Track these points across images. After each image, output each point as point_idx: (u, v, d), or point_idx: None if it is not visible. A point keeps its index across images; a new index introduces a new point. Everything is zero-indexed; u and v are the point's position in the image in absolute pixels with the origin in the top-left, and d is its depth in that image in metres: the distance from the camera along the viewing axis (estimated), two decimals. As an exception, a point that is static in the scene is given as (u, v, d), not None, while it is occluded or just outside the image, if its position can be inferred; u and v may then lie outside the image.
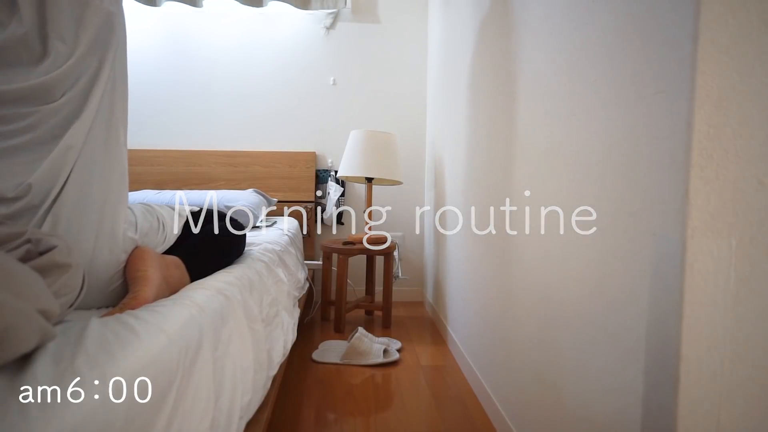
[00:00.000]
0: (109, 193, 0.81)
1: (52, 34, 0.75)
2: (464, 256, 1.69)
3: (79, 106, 0.78)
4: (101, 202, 0.79)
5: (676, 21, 0.56)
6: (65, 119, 0.76)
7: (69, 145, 0.75)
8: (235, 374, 0.81)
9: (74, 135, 0.76)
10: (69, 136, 0.75)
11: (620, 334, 0.67)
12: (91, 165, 0.78)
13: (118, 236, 0.82)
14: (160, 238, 0.95)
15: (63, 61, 0.76)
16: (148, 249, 0.88)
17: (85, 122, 0.78)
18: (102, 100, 0.81)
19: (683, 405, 0.54)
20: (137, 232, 0.88)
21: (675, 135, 0.56)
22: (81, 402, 0.41)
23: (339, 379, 1.56)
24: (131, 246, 0.86)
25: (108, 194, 0.80)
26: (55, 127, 0.75)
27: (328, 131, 2.60)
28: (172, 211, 1.03)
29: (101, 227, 0.79)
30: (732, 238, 0.54)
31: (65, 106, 0.76)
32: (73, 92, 0.77)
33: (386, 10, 2.57)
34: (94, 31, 0.80)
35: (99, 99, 0.80)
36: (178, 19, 2.48)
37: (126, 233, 0.85)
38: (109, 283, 0.83)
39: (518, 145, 1.13)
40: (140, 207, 0.94)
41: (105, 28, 0.82)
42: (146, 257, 0.85)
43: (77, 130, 0.77)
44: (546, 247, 0.95)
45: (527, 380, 1.04)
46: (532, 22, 1.05)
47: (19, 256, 0.58)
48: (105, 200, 0.80)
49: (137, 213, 0.91)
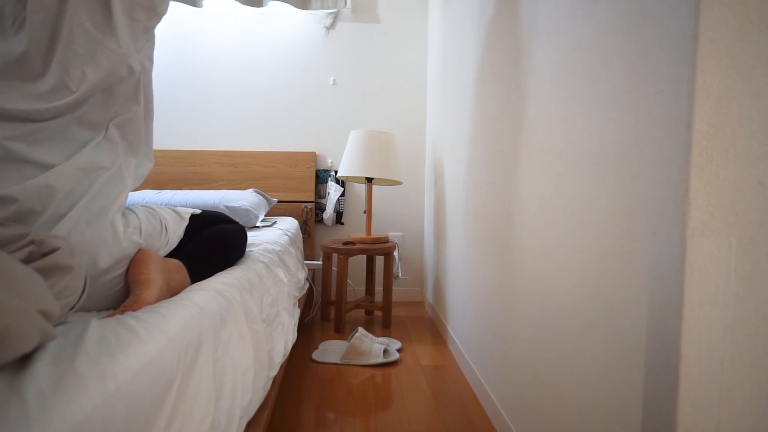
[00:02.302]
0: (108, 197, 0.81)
1: (57, 62, 0.75)
2: (464, 256, 1.69)
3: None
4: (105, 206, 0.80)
5: (676, 21, 0.56)
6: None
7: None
8: (236, 375, 0.81)
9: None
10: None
11: (620, 333, 0.67)
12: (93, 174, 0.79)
13: (118, 237, 0.82)
14: (162, 241, 0.95)
15: (65, 96, 0.75)
16: (151, 252, 0.88)
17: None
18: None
19: (683, 405, 0.54)
20: (141, 236, 0.87)
21: (675, 135, 0.56)
22: (81, 402, 0.41)
23: (339, 379, 1.56)
24: (135, 249, 0.86)
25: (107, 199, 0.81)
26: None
27: (328, 131, 2.60)
28: (175, 214, 1.03)
29: (100, 230, 0.79)
30: (732, 238, 0.54)
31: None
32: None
33: (386, 10, 2.58)
34: (103, 72, 0.80)
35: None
36: (178, 19, 2.48)
37: (131, 237, 0.84)
38: (111, 284, 0.83)
39: (518, 145, 1.13)
40: (144, 210, 0.94)
41: (116, 71, 0.82)
42: (149, 260, 0.85)
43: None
44: (546, 247, 0.95)
45: (527, 380, 1.05)
46: (532, 22, 1.05)
47: (22, 257, 0.58)
48: (111, 204, 0.81)
49: (141, 216, 0.91)
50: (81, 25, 0.76)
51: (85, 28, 0.76)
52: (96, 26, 0.78)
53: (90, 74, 0.77)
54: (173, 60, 2.51)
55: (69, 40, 0.75)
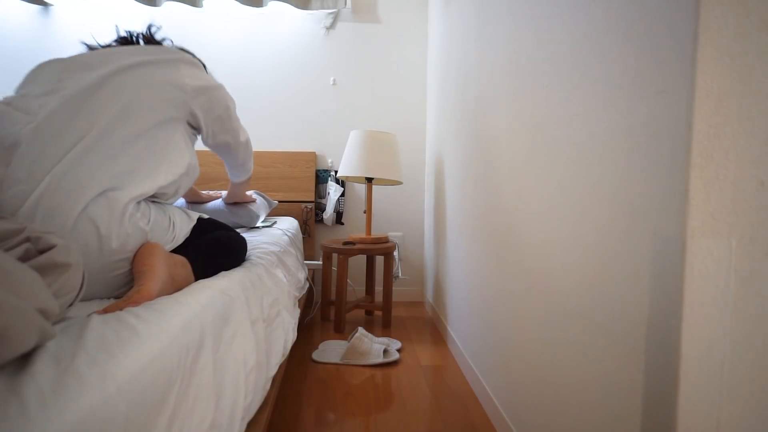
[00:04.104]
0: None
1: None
2: (464, 256, 1.69)
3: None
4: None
5: (676, 21, 0.56)
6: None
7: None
8: (237, 375, 0.81)
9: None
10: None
11: (620, 333, 0.67)
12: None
13: (124, 217, 0.85)
14: (168, 236, 0.97)
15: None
16: (157, 245, 0.90)
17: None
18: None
19: (683, 405, 0.54)
20: (149, 224, 0.90)
21: (675, 135, 0.56)
22: (81, 402, 0.41)
23: (339, 379, 1.56)
24: (140, 235, 0.88)
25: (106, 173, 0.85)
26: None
27: (328, 131, 2.60)
28: (184, 214, 1.06)
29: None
30: (732, 238, 0.54)
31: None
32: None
33: (386, 10, 2.57)
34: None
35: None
36: (178, 19, 2.48)
37: (138, 222, 0.87)
38: (112, 268, 0.85)
39: (519, 145, 1.13)
40: (154, 205, 0.97)
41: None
42: (155, 252, 0.86)
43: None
44: (547, 247, 0.95)
45: (527, 380, 1.04)
46: (533, 22, 1.05)
47: (18, 255, 0.57)
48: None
49: (152, 208, 0.94)
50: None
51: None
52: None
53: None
54: (173, 60, 2.50)
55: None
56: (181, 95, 1.00)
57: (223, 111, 1.14)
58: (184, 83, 1.01)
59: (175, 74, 1.00)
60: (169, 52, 1.02)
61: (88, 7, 2.46)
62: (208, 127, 1.12)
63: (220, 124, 1.15)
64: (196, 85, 1.04)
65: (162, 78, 0.98)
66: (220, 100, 1.12)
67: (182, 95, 1.01)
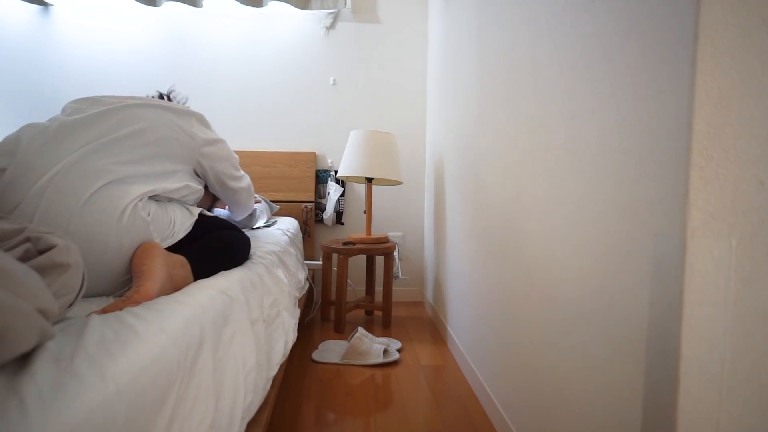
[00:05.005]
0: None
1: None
2: (464, 256, 1.69)
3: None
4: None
5: (676, 21, 0.56)
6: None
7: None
8: (237, 375, 0.81)
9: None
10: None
11: (620, 334, 0.67)
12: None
13: (126, 207, 0.89)
14: (168, 232, 0.99)
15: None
16: (156, 244, 0.91)
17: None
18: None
19: (683, 405, 0.54)
20: (150, 216, 0.93)
21: (675, 135, 0.56)
22: (80, 403, 0.41)
23: (339, 379, 1.56)
24: (142, 225, 0.90)
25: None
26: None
27: (328, 131, 2.60)
28: (185, 210, 1.08)
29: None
30: (732, 238, 0.54)
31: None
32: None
33: (386, 10, 2.57)
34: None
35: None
36: (178, 19, 2.48)
37: (139, 212, 0.90)
38: (114, 257, 0.87)
39: (519, 146, 1.13)
40: (155, 201, 0.99)
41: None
42: (154, 252, 0.87)
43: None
44: (547, 248, 0.95)
45: (527, 380, 1.04)
46: (533, 21, 1.05)
47: (18, 255, 0.57)
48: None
49: (152, 202, 0.97)
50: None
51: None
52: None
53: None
54: (173, 60, 2.50)
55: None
56: (190, 142, 1.10)
57: (226, 160, 1.26)
58: (194, 133, 1.12)
59: (187, 124, 1.11)
60: (184, 108, 1.14)
61: (88, 7, 2.46)
62: (212, 174, 1.22)
63: (224, 172, 1.26)
64: (204, 137, 1.15)
65: (176, 123, 1.08)
66: (224, 150, 1.25)
67: (191, 142, 1.11)
